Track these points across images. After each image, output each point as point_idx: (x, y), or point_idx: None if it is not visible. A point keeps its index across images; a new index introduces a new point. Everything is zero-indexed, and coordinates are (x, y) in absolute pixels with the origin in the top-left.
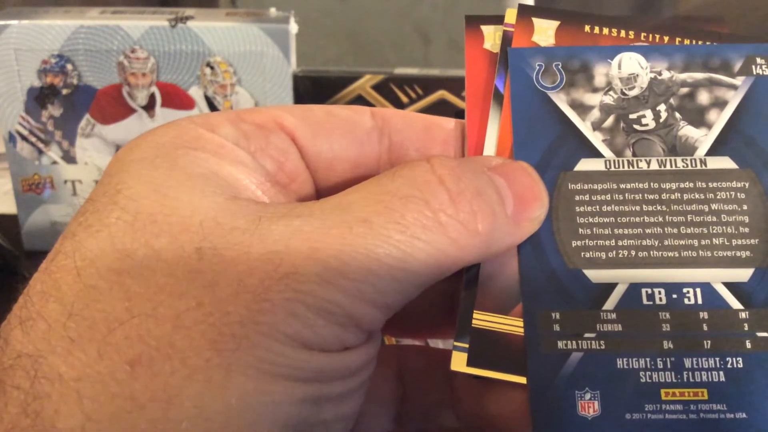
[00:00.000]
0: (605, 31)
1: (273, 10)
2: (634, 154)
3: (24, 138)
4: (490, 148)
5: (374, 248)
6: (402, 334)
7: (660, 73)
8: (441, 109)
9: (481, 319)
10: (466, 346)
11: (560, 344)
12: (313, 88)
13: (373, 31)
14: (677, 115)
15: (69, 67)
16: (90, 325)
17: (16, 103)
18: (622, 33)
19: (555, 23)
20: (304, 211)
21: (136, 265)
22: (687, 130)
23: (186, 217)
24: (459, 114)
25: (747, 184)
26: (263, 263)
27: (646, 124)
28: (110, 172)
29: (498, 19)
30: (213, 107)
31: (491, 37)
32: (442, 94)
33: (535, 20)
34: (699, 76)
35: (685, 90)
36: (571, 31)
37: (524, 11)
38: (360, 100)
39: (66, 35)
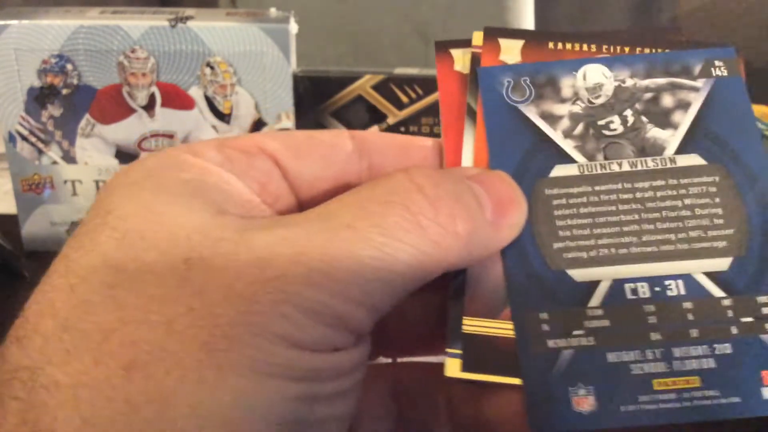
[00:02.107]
0: (568, 46)
1: (273, 10)
2: (605, 158)
3: (24, 138)
4: (467, 162)
5: (358, 250)
6: (396, 352)
7: (624, 81)
8: None
9: (472, 325)
10: (459, 352)
11: (550, 343)
12: (313, 88)
13: (373, 31)
14: (644, 118)
15: (69, 67)
16: (84, 335)
17: (16, 103)
18: (585, 47)
19: (520, 42)
20: (289, 221)
21: (127, 278)
22: (654, 132)
23: (174, 232)
24: None
25: (717, 179)
26: (251, 268)
27: (615, 129)
28: (101, 197)
29: (466, 43)
30: (213, 107)
31: (460, 59)
32: None
33: (501, 41)
34: (661, 81)
35: (649, 95)
36: (536, 48)
37: (490, 32)
38: (360, 100)
39: (66, 35)
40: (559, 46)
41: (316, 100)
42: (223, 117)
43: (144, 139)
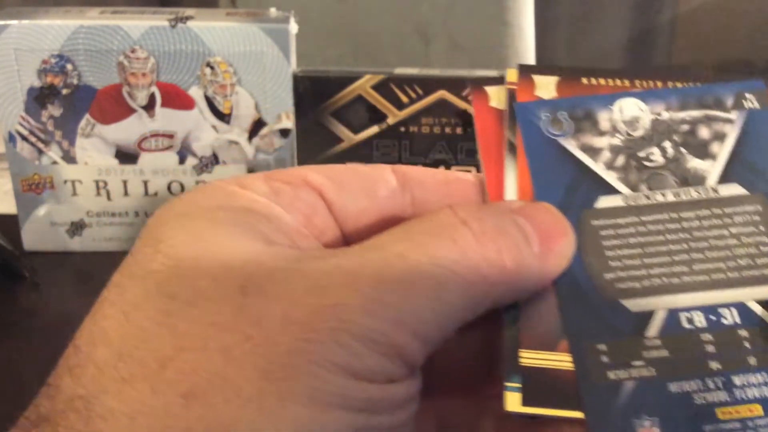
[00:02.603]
0: (602, 81)
1: (273, 10)
2: (649, 188)
3: (24, 138)
4: (510, 195)
5: (412, 279)
6: (439, 392)
7: (659, 114)
8: (441, 109)
9: (530, 357)
10: (519, 385)
11: (611, 375)
12: (313, 88)
13: (373, 31)
14: (682, 149)
15: (69, 67)
16: (141, 364)
17: (16, 103)
18: (618, 82)
19: (555, 78)
20: (340, 252)
21: (181, 305)
22: (695, 163)
23: (227, 261)
24: (459, 114)
25: (760, 208)
26: (307, 296)
27: (656, 160)
28: (150, 227)
29: (500, 80)
30: (213, 107)
31: (495, 95)
32: (442, 94)
33: (536, 77)
34: (696, 113)
35: (685, 127)
36: (571, 84)
37: (525, 70)
38: (360, 100)
39: (66, 35)
40: (593, 81)
41: (316, 100)
42: (223, 117)
43: (144, 139)
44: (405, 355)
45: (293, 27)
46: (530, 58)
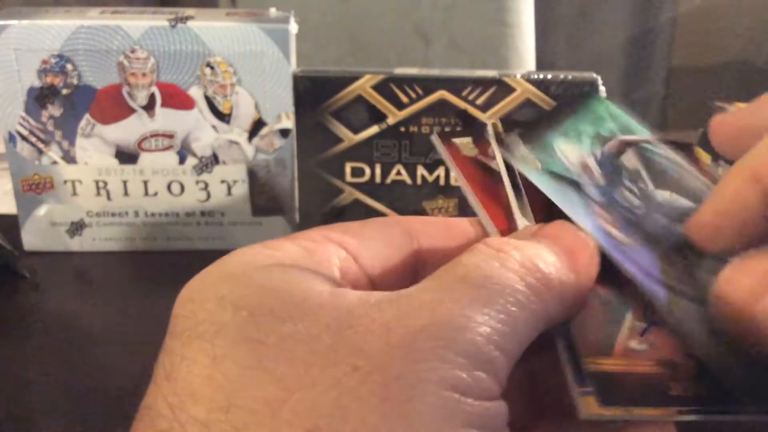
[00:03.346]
0: None
1: (273, 10)
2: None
3: (24, 138)
4: (522, 222)
5: (486, 298)
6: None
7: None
8: (441, 109)
9: (593, 363)
10: (591, 389)
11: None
12: (313, 88)
13: (373, 31)
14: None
15: (69, 67)
16: (250, 412)
17: (16, 103)
18: None
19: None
20: (404, 292)
21: (272, 350)
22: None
23: (300, 304)
24: (459, 114)
25: None
26: (399, 322)
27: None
28: (198, 294)
29: (461, 133)
30: (213, 107)
31: (465, 146)
32: (441, 94)
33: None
34: None
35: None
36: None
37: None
38: (360, 100)
39: (66, 35)
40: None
41: (316, 100)
42: (223, 117)
43: (144, 139)
44: (497, 371)
45: (293, 27)
46: (530, 58)
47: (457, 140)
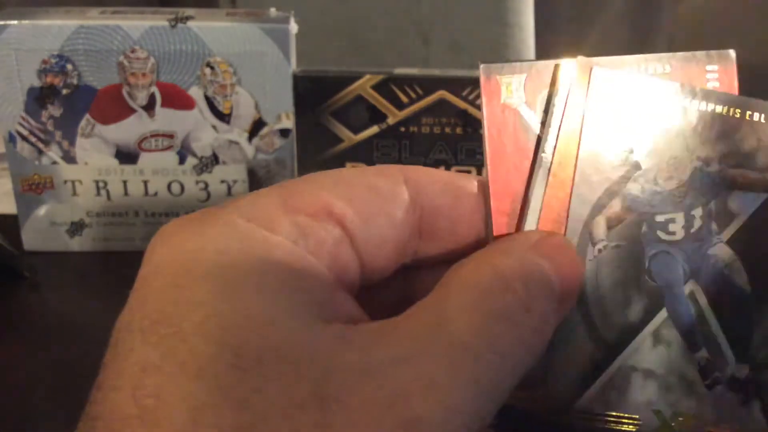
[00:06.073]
0: None
1: (273, 10)
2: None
3: (24, 138)
4: (532, 219)
5: (479, 371)
6: None
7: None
8: (441, 109)
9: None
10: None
11: None
12: (313, 88)
13: (373, 31)
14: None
15: (69, 67)
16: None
17: (16, 103)
18: None
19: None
20: (397, 334)
21: (257, 416)
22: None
23: (291, 349)
24: (460, 114)
25: None
26: (389, 402)
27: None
28: (171, 284)
29: (514, 69)
30: (213, 107)
31: (509, 87)
32: (442, 94)
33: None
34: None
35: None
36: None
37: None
38: (360, 100)
39: (66, 35)
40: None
41: (316, 100)
42: (223, 117)
43: (144, 139)
44: (486, 421)
45: (293, 27)
46: (530, 58)
47: (505, 77)
